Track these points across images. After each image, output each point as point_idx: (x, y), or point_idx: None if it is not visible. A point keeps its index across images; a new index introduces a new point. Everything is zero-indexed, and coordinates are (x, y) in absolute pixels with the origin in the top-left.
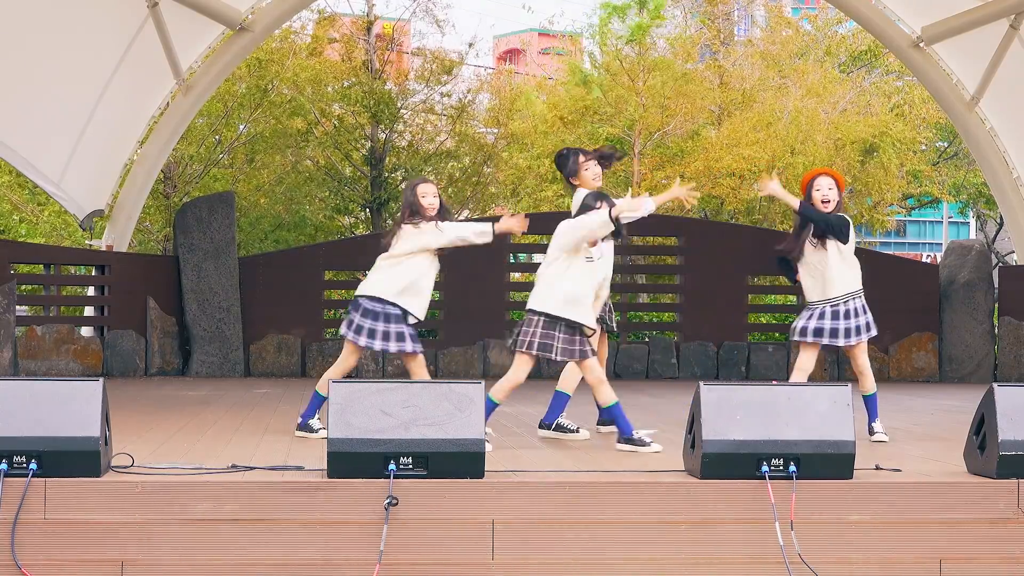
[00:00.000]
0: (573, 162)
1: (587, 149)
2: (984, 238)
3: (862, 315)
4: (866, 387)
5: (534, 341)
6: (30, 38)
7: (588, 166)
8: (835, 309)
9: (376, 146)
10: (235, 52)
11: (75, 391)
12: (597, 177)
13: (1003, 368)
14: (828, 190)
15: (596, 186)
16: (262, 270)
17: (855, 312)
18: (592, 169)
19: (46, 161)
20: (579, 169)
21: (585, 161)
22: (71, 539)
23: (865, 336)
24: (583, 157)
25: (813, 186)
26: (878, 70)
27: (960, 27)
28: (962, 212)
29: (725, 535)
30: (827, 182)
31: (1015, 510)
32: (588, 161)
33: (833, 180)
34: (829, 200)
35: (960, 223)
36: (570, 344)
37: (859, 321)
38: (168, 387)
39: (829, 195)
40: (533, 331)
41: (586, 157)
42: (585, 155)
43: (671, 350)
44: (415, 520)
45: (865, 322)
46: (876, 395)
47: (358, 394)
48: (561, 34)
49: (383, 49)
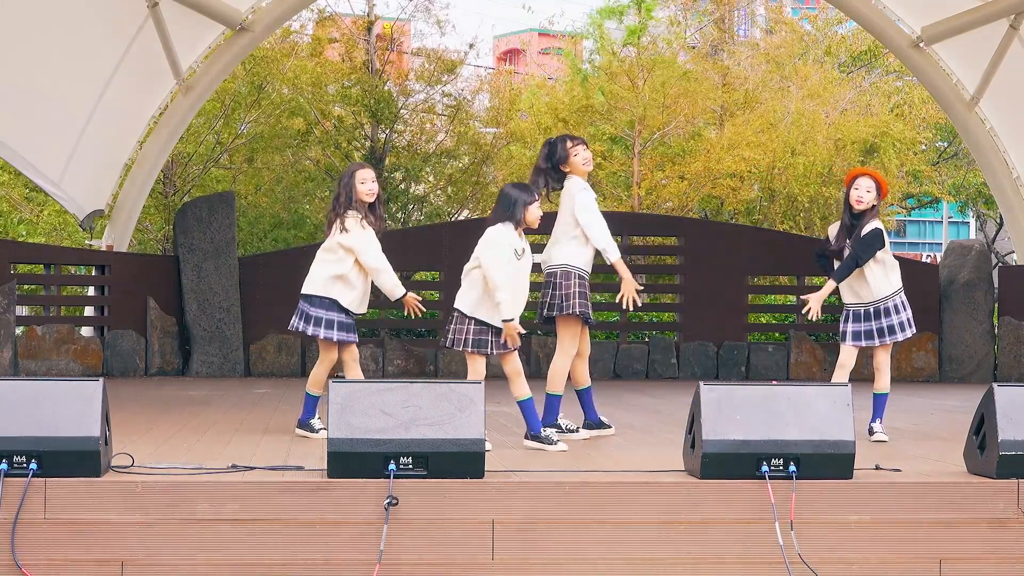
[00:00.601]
0: (562, 148)
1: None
2: (984, 238)
3: (893, 314)
4: (880, 385)
5: (468, 339)
6: (30, 38)
7: (577, 151)
8: (867, 311)
9: (376, 146)
10: (235, 52)
11: (75, 391)
12: (587, 162)
13: (1003, 368)
14: (866, 192)
15: (586, 171)
16: (262, 270)
17: (888, 312)
18: (582, 154)
19: (46, 161)
20: (568, 155)
21: (574, 146)
22: (71, 539)
23: (900, 336)
24: (571, 142)
25: (852, 184)
26: (878, 70)
27: (960, 27)
28: (962, 212)
29: (725, 535)
30: (866, 183)
31: (1015, 510)
32: (577, 146)
33: (873, 181)
34: (863, 201)
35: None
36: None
37: (891, 321)
38: (168, 387)
39: (865, 197)
40: (462, 329)
41: (574, 142)
42: (573, 140)
43: (671, 350)
44: (415, 520)
45: (898, 322)
46: (887, 396)
47: (358, 394)
48: (561, 34)
49: (383, 49)
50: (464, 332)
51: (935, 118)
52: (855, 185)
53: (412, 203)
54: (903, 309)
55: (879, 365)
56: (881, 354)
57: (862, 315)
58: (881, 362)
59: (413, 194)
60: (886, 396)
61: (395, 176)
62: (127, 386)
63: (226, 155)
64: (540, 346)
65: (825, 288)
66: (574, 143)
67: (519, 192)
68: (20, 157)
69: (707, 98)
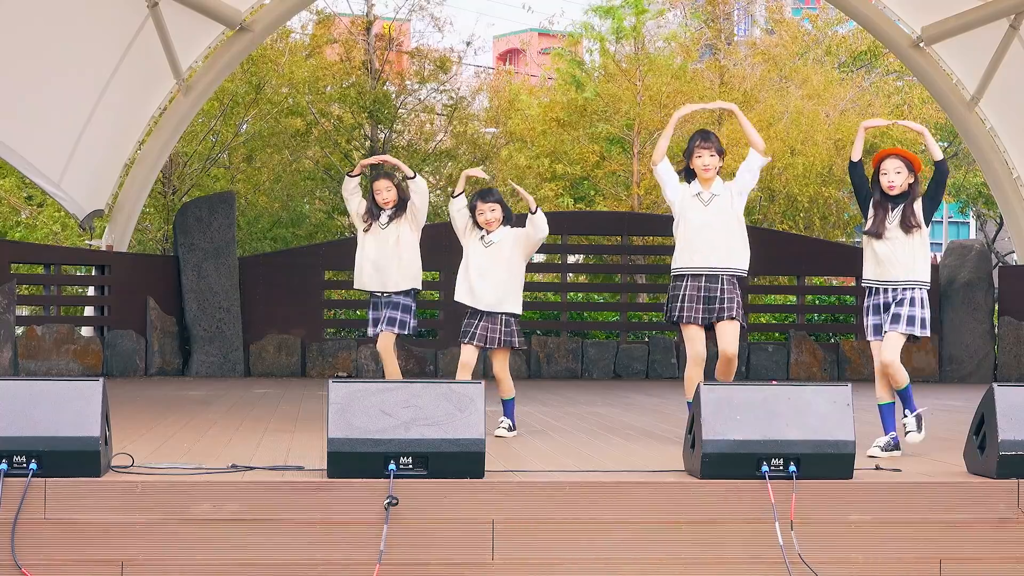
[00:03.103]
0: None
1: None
2: (984, 238)
3: (907, 307)
4: (896, 382)
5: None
6: (30, 39)
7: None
8: (887, 293)
9: (376, 146)
10: (235, 52)
11: (75, 391)
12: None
13: (1003, 368)
14: (895, 174)
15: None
16: (262, 270)
17: (906, 302)
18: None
19: (46, 161)
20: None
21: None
22: (71, 539)
23: (901, 328)
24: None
25: (880, 169)
26: (878, 70)
27: (960, 27)
28: (962, 212)
29: (725, 535)
30: (894, 165)
31: (1015, 510)
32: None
33: (901, 160)
34: (895, 185)
35: (960, 223)
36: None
37: (902, 311)
38: (168, 387)
39: (897, 180)
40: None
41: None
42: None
43: (671, 350)
44: (415, 520)
45: (908, 315)
46: (909, 388)
47: (358, 394)
48: (561, 34)
49: (382, 49)
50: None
51: (935, 118)
52: (883, 170)
53: None
54: (914, 305)
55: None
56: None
57: (881, 305)
58: (885, 356)
59: None
60: (906, 389)
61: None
62: (127, 386)
63: (225, 155)
64: (540, 346)
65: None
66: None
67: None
68: (20, 157)
69: (705, 98)
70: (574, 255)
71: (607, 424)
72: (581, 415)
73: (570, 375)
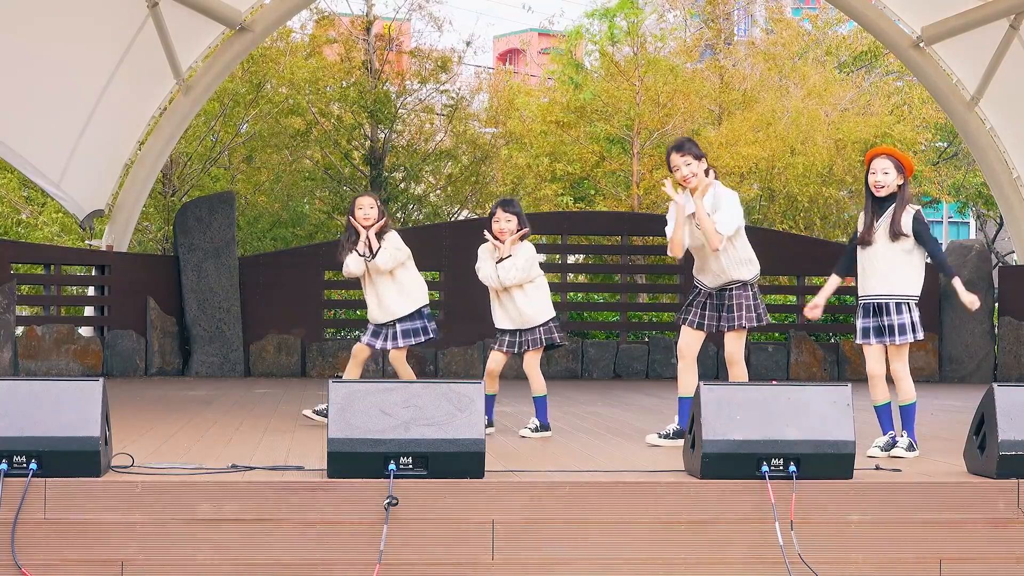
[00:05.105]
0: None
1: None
2: (984, 238)
3: (891, 315)
4: (901, 396)
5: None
6: (30, 38)
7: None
8: (868, 304)
9: (376, 145)
10: (235, 52)
11: (75, 391)
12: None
13: (1003, 368)
14: (883, 174)
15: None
16: (262, 270)
17: (889, 310)
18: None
19: (46, 161)
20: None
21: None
22: (71, 539)
23: (896, 340)
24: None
25: (869, 168)
26: (878, 70)
27: (960, 27)
28: (962, 212)
29: (725, 535)
30: (882, 164)
31: (1015, 510)
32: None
33: (890, 160)
34: (882, 185)
35: (960, 223)
36: None
37: (882, 321)
38: (168, 387)
39: (883, 180)
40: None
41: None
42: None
43: (671, 350)
44: (415, 520)
45: (887, 324)
46: (913, 407)
47: (358, 394)
48: (561, 34)
49: (382, 49)
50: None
51: (935, 118)
52: (871, 169)
53: (412, 203)
54: (900, 312)
55: (894, 373)
56: (870, 360)
57: (870, 310)
58: (896, 369)
59: (412, 194)
60: (911, 407)
61: (395, 176)
62: (127, 386)
63: (225, 155)
64: None
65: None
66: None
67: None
68: (20, 157)
69: (704, 97)
70: (574, 255)
71: (607, 424)
72: (581, 415)
73: (570, 375)
